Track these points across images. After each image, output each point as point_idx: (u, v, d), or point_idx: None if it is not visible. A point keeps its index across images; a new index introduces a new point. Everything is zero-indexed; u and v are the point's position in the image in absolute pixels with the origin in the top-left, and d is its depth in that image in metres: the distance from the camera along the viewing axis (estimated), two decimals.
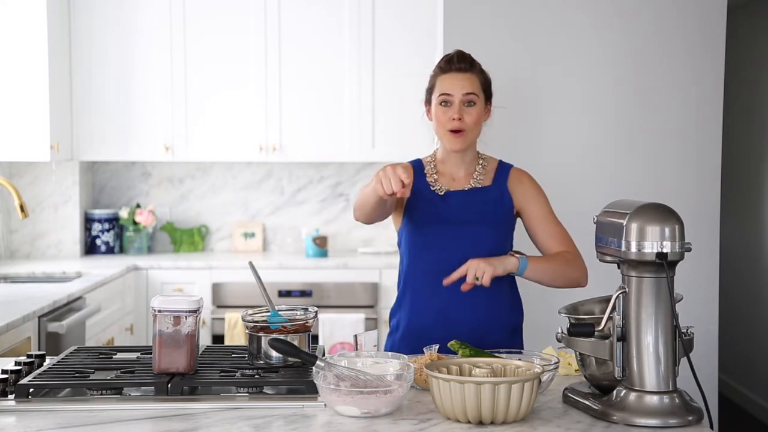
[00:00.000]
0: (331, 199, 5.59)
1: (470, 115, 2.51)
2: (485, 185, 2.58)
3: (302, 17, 5.17)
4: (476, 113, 2.52)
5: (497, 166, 2.62)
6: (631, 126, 3.51)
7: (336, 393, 1.86)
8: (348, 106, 5.20)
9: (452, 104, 2.51)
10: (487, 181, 2.59)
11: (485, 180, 2.59)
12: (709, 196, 3.53)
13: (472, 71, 2.54)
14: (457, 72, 2.53)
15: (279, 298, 4.90)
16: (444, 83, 2.54)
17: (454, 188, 2.57)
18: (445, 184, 2.57)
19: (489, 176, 2.60)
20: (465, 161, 2.59)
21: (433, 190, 2.56)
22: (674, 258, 1.86)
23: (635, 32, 3.48)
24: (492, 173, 2.60)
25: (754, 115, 5.59)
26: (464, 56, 2.56)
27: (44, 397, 1.99)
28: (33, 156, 4.76)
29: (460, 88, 2.51)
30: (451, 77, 2.53)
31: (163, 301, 2.07)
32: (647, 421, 1.82)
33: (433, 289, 2.50)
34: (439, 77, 2.56)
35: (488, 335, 2.49)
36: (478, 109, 2.53)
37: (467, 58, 2.56)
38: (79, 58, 5.13)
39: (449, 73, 2.54)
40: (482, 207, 2.54)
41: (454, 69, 2.54)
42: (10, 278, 4.60)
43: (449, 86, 2.52)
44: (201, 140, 5.20)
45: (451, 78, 2.53)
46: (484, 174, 2.59)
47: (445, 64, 2.56)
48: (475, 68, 2.55)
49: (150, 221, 5.33)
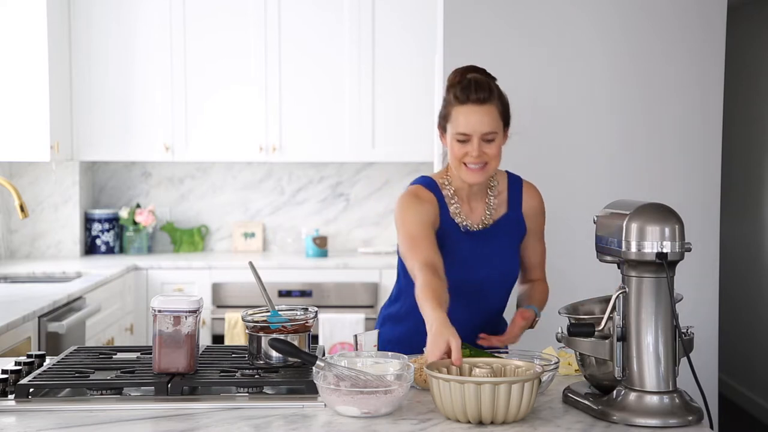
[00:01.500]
0: (331, 199, 5.59)
1: (490, 149, 2.35)
2: (501, 214, 2.49)
3: (302, 17, 5.17)
4: (497, 147, 2.36)
5: (507, 184, 2.53)
6: (631, 126, 3.51)
7: (336, 393, 1.87)
8: (348, 106, 5.20)
9: (469, 141, 2.34)
10: (501, 207, 2.50)
11: (500, 207, 2.50)
12: (709, 196, 3.53)
13: (490, 101, 2.34)
14: (474, 104, 2.33)
15: (279, 298, 4.90)
16: (460, 118, 2.34)
17: (474, 221, 2.46)
18: (465, 215, 2.46)
19: (502, 199, 2.51)
20: (482, 187, 2.48)
21: (457, 224, 2.45)
22: (674, 258, 1.86)
23: (635, 32, 3.48)
24: (504, 194, 2.51)
25: (754, 115, 5.59)
26: (481, 84, 2.34)
27: (44, 397, 1.99)
28: (33, 156, 4.76)
29: (479, 127, 2.33)
30: (468, 111, 2.33)
31: (163, 301, 2.07)
32: (647, 421, 1.82)
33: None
34: (455, 108, 2.35)
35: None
36: (498, 142, 2.37)
37: (484, 85, 2.35)
38: (79, 58, 5.13)
39: (466, 106, 2.33)
40: (502, 245, 2.48)
41: (471, 101, 2.33)
42: (10, 278, 4.60)
43: (466, 124, 2.33)
44: (201, 140, 5.21)
45: (468, 113, 2.33)
46: (496, 197, 2.50)
47: (461, 94, 2.34)
48: (493, 96, 2.35)
49: (150, 221, 5.33)
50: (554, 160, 3.48)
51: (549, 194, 2.66)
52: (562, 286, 3.37)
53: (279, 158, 5.22)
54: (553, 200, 2.72)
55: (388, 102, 5.18)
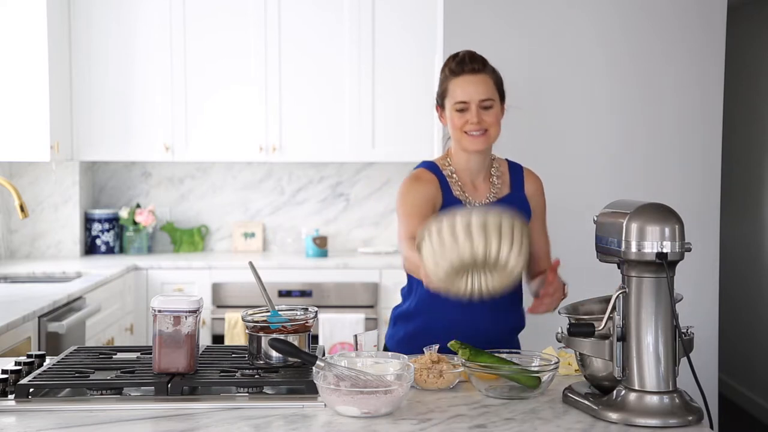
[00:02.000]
0: (331, 199, 5.59)
1: (489, 116, 2.43)
2: (505, 193, 2.53)
3: (302, 17, 5.17)
4: (495, 114, 2.44)
5: (509, 168, 2.58)
6: (631, 126, 3.51)
7: (336, 393, 1.86)
8: (348, 106, 5.20)
9: (468, 110, 2.42)
10: (505, 188, 2.54)
11: (503, 187, 2.54)
12: (709, 196, 3.53)
13: (485, 72, 2.44)
14: (470, 74, 2.42)
15: (279, 298, 4.90)
16: (457, 89, 2.43)
17: (478, 199, 2.50)
18: (469, 194, 2.50)
19: (505, 180, 2.55)
20: (484, 165, 2.52)
21: (461, 201, 2.47)
22: (674, 258, 1.86)
23: (635, 31, 3.48)
24: (506, 176, 2.56)
25: (754, 114, 5.59)
26: (475, 56, 2.45)
27: (44, 397, 1.99)
28: (33, 156, 4.76)
29: (475, 95, 2.41)
30: (464, 81, 2.42)
31: (163, 301, 2.07)
32: (647, 421, 1.82)
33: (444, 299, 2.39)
34: (451, 81, 2.44)
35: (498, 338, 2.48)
36: (496, 110, 2.44)
37: (478, 58, 2.45)
38: (79, 58, 5.13)
39: (462, 76, 2.43)
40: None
41: (466, 71, 2.42)
42: (10, 278, 4.60)
43: (463, 93, 2.42)
44: (201, 140, 5.21)
45: (464, 83, 2.42)
46: (499, 177, 2.54)
47: (456, 66, 2.44)
48: (487, 68, 2.45)
49: (150, 221, 5.33)
50: (554, 160, 3.48)
51: (549, 194, 2.66)
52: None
53: (279, 158, 5.22)
54: (553, 200, 2.71)
55: (388, 102, 5.18)
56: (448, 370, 2.09)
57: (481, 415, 1.90)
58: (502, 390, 2.05)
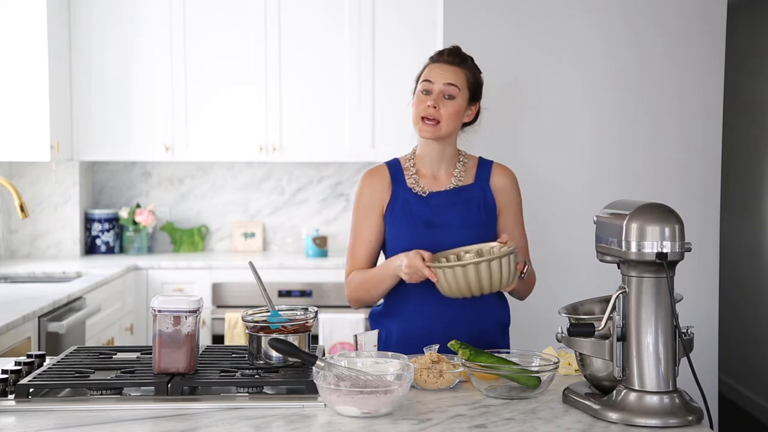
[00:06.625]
0: (331, 199, 5.59)
1: (447, 107, 2.46)
2: (467, 183, 2.53)
3: (302, 17, 5.17)
4: (454, 107, 2.47)
5: (478, 163, 2.58)
6: (631, 125, 3.51)
7: (336, 393, 1.86)
8: (348, 106, 5.20)
9: (431, 93, 2.47)
10: (468, 179, 2.54)
11: (466, 178, 2.54)
12: (709, 195, 3.53)
13: (460, 66, 2.50)
14: (445, 63, 2.50)
15: (279, 298, 4.90)
16: (428, 72, 2.51)
17: (436, 188, 2.52)
18: (426, 185, 2.53)
19: (470, 174, 2.55)
20: (445, 158, 2.54)
21: (415, 192, 2.52)
22: (674, 258, 1.86)
23: (635, 31, 3.48)
24: (473, 170, 2.56)
25: (754, 114, 5.59)
26: (457, 51, 2.53)
27: (44, 397, 1.99)
28: (33, 156, 4.76)
29: (442, 78, 2.47)
30: (437, 67, 2.50)
31: (163, 301, 2.07)
32: (647, 421, 1.82)
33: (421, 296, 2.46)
34: (428, 67, 2.53)
35: (480, 332, 2.48)
36: (457, 103, 2.47)
37: (459, 53, 2.52)
38: (79, 58, 5.13)
39: (438, 63, 2.51)
40: (466, 207, 2.50)
41: (443, 60, 2.51)
42: (10, 278, 4.60)
43: (431, 74, 2.49)
44: (201, 140, 5.21)
45: (437, 68, 2.50)
46: (464, 171, 2.55)
47: (437, 55, 2.54)
48: (465, 64, 2.51)
49: (150, 221, 5.33)
50: (554, 160, 3.48)
51: (549, 194, 2.67)
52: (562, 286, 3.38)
53: (279, 158, 5.22)
54: (553, 200, 2.72)
55: (388, 102, 5.18)
56: (447, 370, 2.09)
57: (481, 415, 1.90)
58: (502, 390, 2.05)
